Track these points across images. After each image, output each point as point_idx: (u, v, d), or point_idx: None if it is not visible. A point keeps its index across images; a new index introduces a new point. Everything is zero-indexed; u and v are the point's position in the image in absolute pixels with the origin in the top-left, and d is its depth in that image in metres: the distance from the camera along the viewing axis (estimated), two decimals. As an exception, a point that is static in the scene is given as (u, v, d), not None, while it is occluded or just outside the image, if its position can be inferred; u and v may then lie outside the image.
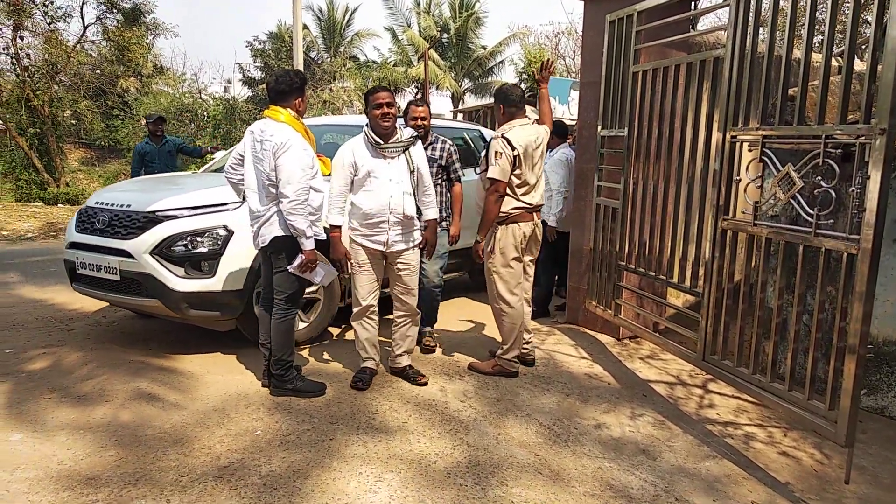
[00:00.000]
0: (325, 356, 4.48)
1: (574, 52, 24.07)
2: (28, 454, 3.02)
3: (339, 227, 3.75)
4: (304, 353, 4.51)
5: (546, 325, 5.34)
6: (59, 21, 15.23)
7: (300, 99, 3.61)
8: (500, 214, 3.94)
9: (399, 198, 3.73)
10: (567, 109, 14.68)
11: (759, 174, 3.38)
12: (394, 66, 29.95)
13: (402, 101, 30.08)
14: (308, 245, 3.49)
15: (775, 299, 3.27)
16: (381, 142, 3.71)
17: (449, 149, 4.53)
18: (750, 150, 3.47)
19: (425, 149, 4.29)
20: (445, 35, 30.89)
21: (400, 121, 4.14)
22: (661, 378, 4.34)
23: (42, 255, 8.36)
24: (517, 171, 3.90)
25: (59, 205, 13.80)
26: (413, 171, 3.82)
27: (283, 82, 3.57)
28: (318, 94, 24.88)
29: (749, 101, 3.43)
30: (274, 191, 3.50)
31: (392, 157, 3.76)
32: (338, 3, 31.44)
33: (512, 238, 3.99)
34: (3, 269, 7.24)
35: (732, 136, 3.50)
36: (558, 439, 3.39)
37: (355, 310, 3.92)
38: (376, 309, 3.97)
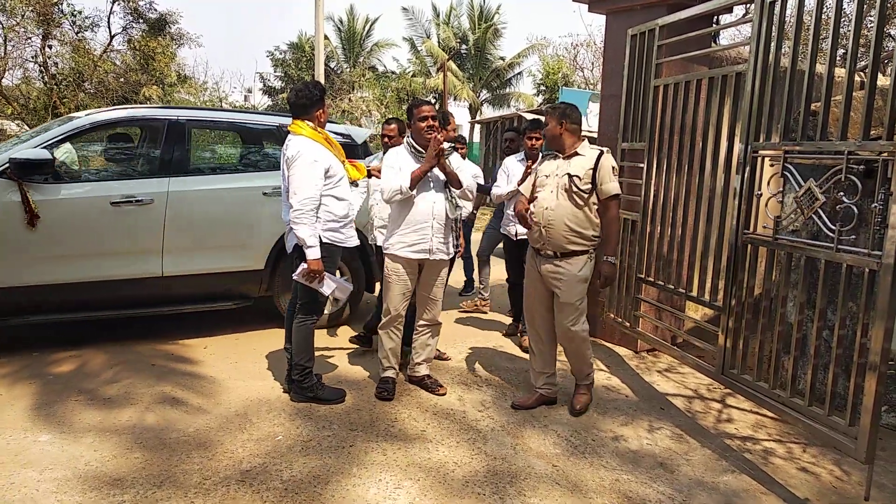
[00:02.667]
0: (345, 363, 4.52)
1: (592, 63, 24.10)
2: (56, 455, 3.09)
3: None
4: (329, 360, 4.56)
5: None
6: (86, 30, 15.57)
7: (321, 110, 3.69)
8: (596, 237, 3.72)
9: (441, 203, 3.83)
10: (585, 122, 14.70)
11: (781, 189, 3.39)
12: (412, 76, 30.21)
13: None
14: (312, 254, 3.52)
15: (796, 314, 3.27)
16: (424, 151, 3.81)
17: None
18: (771, 165, 3.48)
19: None
20: (464, 46, 31.12)
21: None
22: (679, 391, 4.34)
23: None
24: None
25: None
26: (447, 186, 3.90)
27: (304, 96, 3.64)
28: (338, 103, 25.14)
29: (771, 115, 3.45)
30: None
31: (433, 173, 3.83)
32: (358, 13, 31.95)
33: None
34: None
35: (754, 151, 3.51)
36: (576, 451, 3.41)
37: (385, 318, 3.94)
38: (403, 320, 3.99)
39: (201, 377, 4.16)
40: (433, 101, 29.69)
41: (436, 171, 3.80)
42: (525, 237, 4.42)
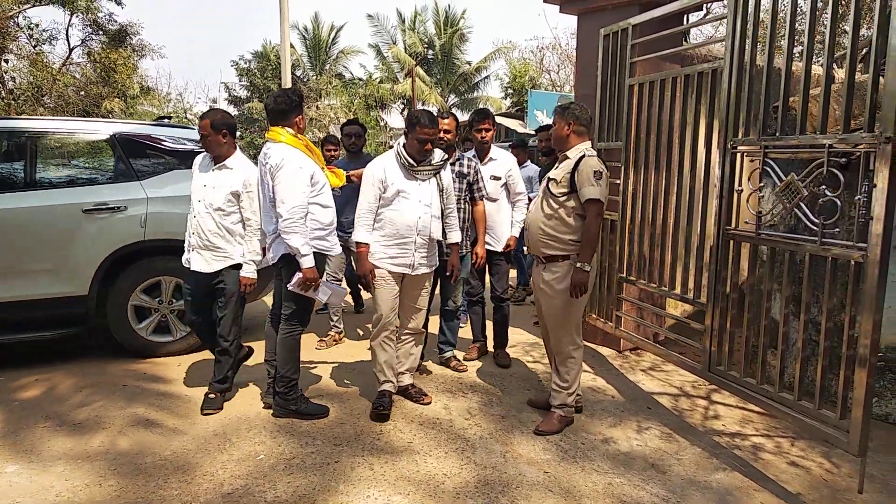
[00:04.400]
0: (327, 376, 4.41)
1: (559, 66, 24.30)
2: (25, 486, 2.93)
3: (366, 244, 3.68)
4: (313, 372, 4.44)
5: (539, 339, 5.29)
6: (44, 43, 15.16)
7: (300, 116, 3.59)
8: (577, 241, 3.54)
9: (427, 220, 3.69)
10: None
11: (761, 184, 3.38)
12: (379, 82, 30.08)
13: (388, 118, 30.23)
14: (306, 263, 3.43)
15: (781, 309, 3.25)
16: (415, 164, 3.66)
17: (475, 165, 4.36)
18: (751, 161, 3.47)
19: (452, 164, 4.21)
20: (431, 51, 31.09)
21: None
22: (665, 390, 4.31)
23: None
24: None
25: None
26: (443, 194, 3.79)
27: (283, 101, 3.54)
28: (305, 111, 24.93)
29: (749, 111, 3.44)
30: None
31: (423, 180, 3.71)
32: (323, 21, 31.76)
33: (594, 267, 3.64)
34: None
35: (732, 147, 3.50)
36: (566, 455, 3.35)
37: (376, 328, 3.79)
38: (395, 329, 3.84)
39: (176, 396, 4.01)
40: (402, 106, 29.65)
41: (425, 184, 3.70)
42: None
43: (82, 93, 18.19)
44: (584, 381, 4.36)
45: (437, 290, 4.40)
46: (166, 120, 5.82)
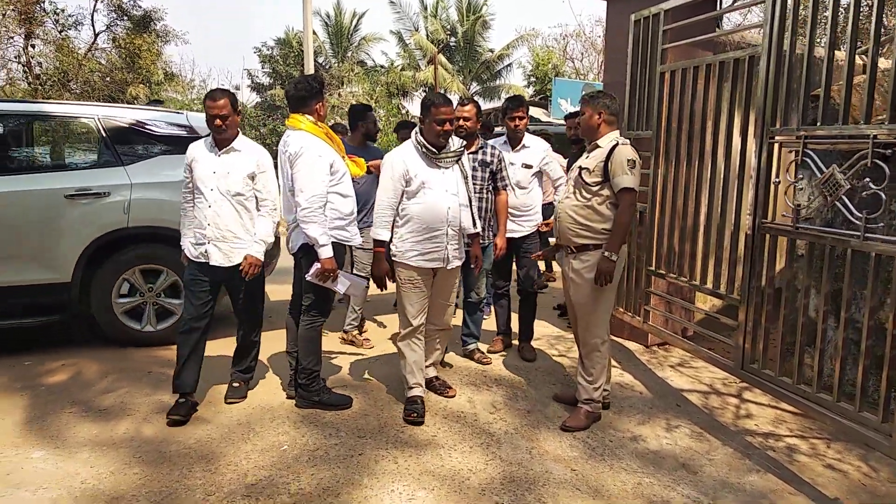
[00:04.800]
0: (349, 366, 4.37)
1: (582, 54, 23.98)
2: (50, 472, 2.93)
3: (385, 241, 3.54)
4: (334, 362, 4.41)
5: (564, 332, 5.22)
6: (69, 29, 15.26)
7: (320, 103, 3.52)
8: (609, 230, 3.46)
9: (456, 210, 3.55)
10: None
11: (800, 176, 3.26)
12: (401, 70, 29.93)
13: (410, 106, 30.11)
14: (324, 253, 3.37)
15: (821, 306, 3.14)
16: (436, 152, 3.50)
17: (499, 154, 4.24)
18: (789, 152, 3.35)
19: (475, 153, 4.13)
20: (453, 38, 30.85)
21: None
22: (694, 387, 4.22)
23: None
24: None
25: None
26: (466, 181, 3.64)
27: (303, 88, 3.48)
28: (327, 98, 24.94)
29: (788, 100, 3.31)
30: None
31: (447, 168, 3.55)
32: (345, 7, 31.73)
33: (623, 258, 3.59)
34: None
35: (770, 137, 3.38)
36: (594, 453, 3.28)
37: (404, 330, 3.64)
38: (424, 328, 3.70)
39: (200, 384, 3.99)
40: (423, 93, 29.47)
41: (448, 172, 3.55)
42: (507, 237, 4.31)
43: (108, 79, 18.33)
44: (612, 377, 4.27)
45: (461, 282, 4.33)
46: (156, 104, 5.73)
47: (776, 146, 3.39)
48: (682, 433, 3.55)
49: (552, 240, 3.93)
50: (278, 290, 5.49)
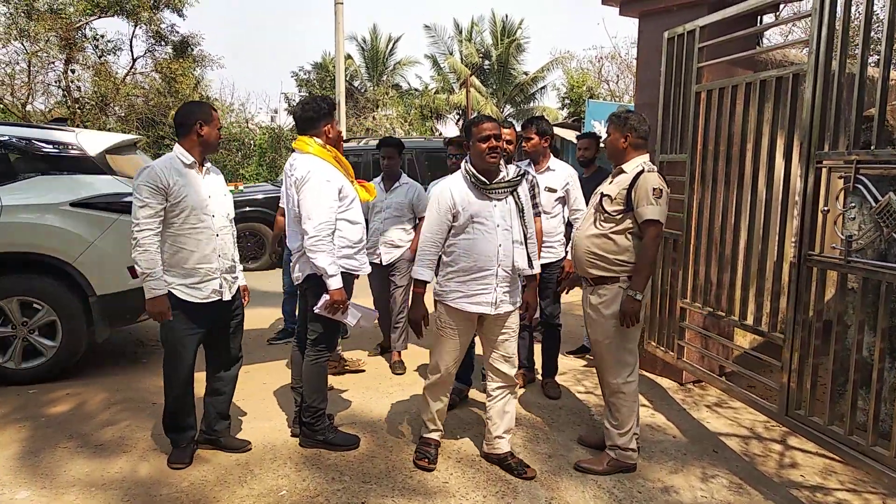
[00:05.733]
0: (358, 401, 4.15)
1: (618, 76, 23.69)
2: (33, 515, 2.76)
3: (426, 282, 3.22)
4: (343, 396, 4.19)
5: (585, 363, 4.92)
6: (109, 54, 15.60)
7: (329, 125, 3.33)
8: (628, 263, 3.20)
9: (509, 247, 3.12)
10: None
11: (852, 204, 2.96)
12: (435, 93, 30.04)
13: (443, 129, 30.15)
14: (333, 284, 3.15)
15: (878, 348, 2.81)
16: (487, 181, 3.11)
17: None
18: (839, 177, 3.05)
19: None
20: (487, 62, 30.89)
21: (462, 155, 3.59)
22: (733, 430, 3.87)
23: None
24: None
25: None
26: (522, 215, 3.20)
27: (311, 109, 3.30)
28: (362, 121, 25.05)
29: (837, 121, 3.02)
30: None
31: (499, 199, 3.14)
32: (381, 32, 31.85)
33: (647, 292, 3.27)
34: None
35: (818, 161, 3.08)
36: (620, 506, 2.98)
37: (433, 377, 3.28)
38: (453, 380, 3.37)
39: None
40: (457, 117, 29.52)
41: (501, 204, 3.13)
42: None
43: (151, 103, 18.68)
44: (642, 417, 3.95)
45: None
46: (60, 122, 5.54)
47: (824, 171, 3.09)
48: (719, 484, 3.23)
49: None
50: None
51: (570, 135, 13.15)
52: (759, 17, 4.33)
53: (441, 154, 5.61)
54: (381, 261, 4.73)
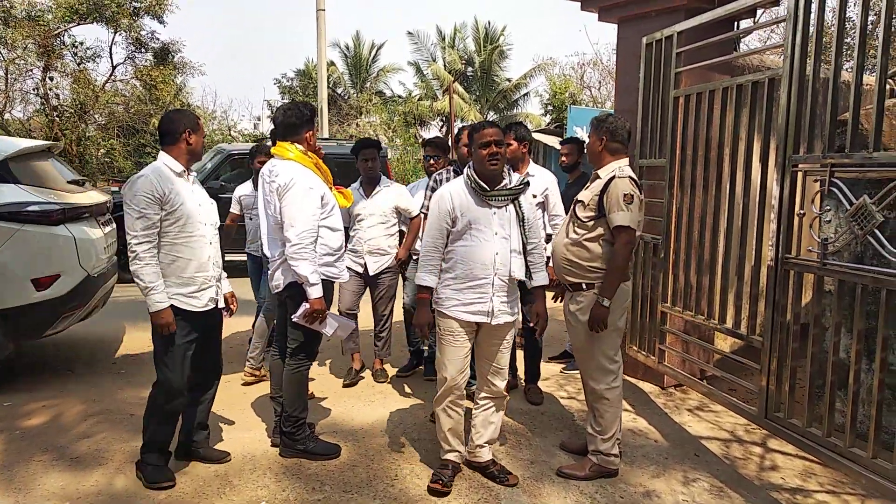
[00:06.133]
0: (340, 409, 4.11)
1: (600, 82, 23.86)
2: (6, 531, 2.70)
3: (430, 289, 3.12)
4: (323, 404, 4.15)
5: (568, 371, 4.91)
6: (88, 61, 15.44)
7: (311, 132, 3.31)
8: (602, 270, 3.19)
9: (506, 256, 3.04)
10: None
11: (828, 207, 2.99)
12: (418, 100, 30.05)
13: (427, 135, 30.16)
14: (314, 293, 3.13)
15: (854, 350, 2.83)
16: (487, 188, 3.03)
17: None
18: (814, 181, 3.08)
19: None
20: (470, 68, 30.97)
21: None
22: (714, 434, 3.89)
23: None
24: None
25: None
26: (523, 224, 3.12)
27: (294, 115, 3.27)
28: (345, 128, 25.01)
29: (812, 125, 3.05)
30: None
31: (499, 207, 3.07)
32: (364, 39, 31.82)
33: (624, 298, 3.29)
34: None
35: (793, 165, 3.11)
36: (602, 511, 2.98)
37: (440, 390, 3.16)
38: (463, 392, 3.19)
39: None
40: (440, 123, 29.54)
41: (501, 212, 3.05)
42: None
43: (132, 110, 18.49)
44: (624, 422, 3.96)
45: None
46: None
47: (800, 175, 3.13)
48: (700, 487, 3.23)
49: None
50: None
51: (553, 141, 13.21)
52: (735, 23, 4.38)
53: (350, 160, 5.11)
54: (365, 270, 4.52)
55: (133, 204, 2.87)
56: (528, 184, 3.17)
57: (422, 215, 4.34)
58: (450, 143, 6.00)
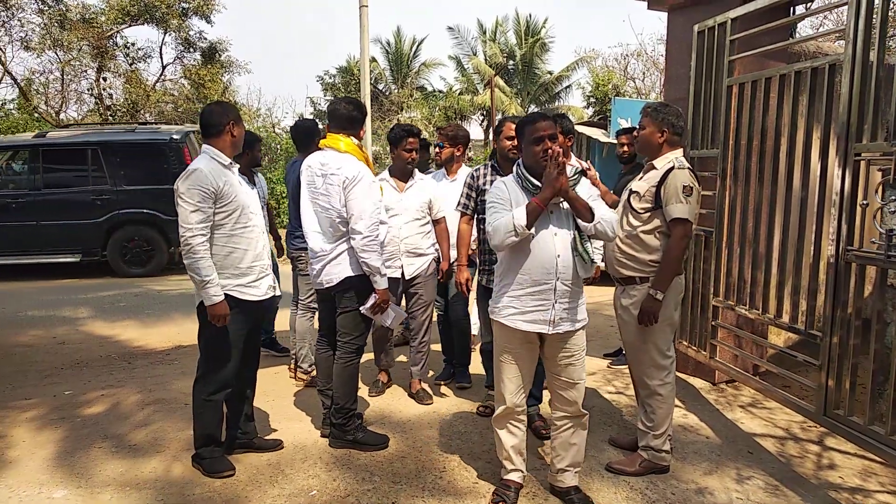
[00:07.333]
0: (387, 401, 4.14)
1: (644, 73, 23.46)
2: (70, 514, 2.80)
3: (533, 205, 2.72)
4: (369, 397, 4.19)
5: (615, 366, 4.84)
6: (139, 61, 15.87)
7: (363, 129, 3.41)
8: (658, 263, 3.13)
9: (568, 258, 2.72)
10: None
11: (893, 197, 2.87)
12: (459, 94, 30.01)
13: (468, 130, 30.12)
14: (382, 284, 3.23)
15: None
16: (541, 186, 2.72)
17: (492, 178, 3.67)
18: (879, 170, 2.97)
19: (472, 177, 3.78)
20: (511, 62, 30.78)
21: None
22: (768, 431, 3.79)
23: (111, 289, 8.37)
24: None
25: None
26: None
27: (357, 108, 3.33)
28: (386, 124, 25.17)
29: (875, 113, 2.93)
30: (344, 228, 3.23)
31: (555, 204, 2.75)
32: (405, 34, 31.94)
33: (678, 291, 3.20)
34: (75, 304, 7.29)
35: (856, 154, 3.00)
36: (654, 508, 2.93)
37: (498, 409, 2.93)
38: (525, 408, 2.94)
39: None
40: (481, 117, 29.45)
41: (557, 210, 2.75)
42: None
43: (181, 109, 18.97)
44: (674, 418, 3.89)
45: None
46: None
47: (862, 164, 3.01)
48: (754, 485, 3.15)
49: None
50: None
51: (597, 133, 13.03)
52: (791, 8, 4.24)
53: (135, 150, 4.64)
54: (402, 272, 4.08)
55: (188, 197, 2.90)
56: (583, 172, 2.91)
57: (458, 214, 3.91)
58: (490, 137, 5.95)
